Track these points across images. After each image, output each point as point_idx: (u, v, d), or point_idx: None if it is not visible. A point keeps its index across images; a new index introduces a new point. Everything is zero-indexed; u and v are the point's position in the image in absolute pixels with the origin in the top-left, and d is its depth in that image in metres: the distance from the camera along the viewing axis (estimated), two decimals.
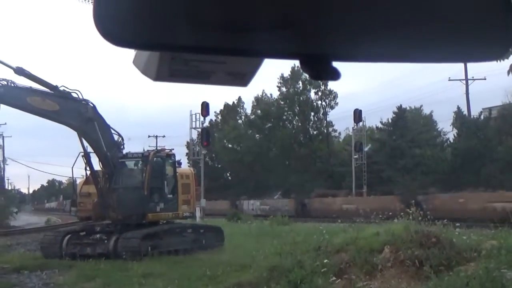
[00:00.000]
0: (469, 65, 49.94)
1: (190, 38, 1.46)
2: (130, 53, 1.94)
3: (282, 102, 73.00)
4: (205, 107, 41.37)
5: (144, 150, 24.89)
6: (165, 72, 1.89)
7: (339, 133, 74.92)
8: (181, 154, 60.65)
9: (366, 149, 51.76)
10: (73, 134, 21.16)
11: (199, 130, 45.82)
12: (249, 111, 78.56)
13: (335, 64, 1.54)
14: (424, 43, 1.47)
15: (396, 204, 31.42)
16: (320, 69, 1.55)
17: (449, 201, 34.18)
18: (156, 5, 1.35)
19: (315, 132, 71.71)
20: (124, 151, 22.73)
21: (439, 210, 26.84)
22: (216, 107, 78.64)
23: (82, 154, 21.41)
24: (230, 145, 77.12)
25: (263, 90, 75.90)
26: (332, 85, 67.00)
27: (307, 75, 1.66)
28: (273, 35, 1.43)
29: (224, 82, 2.00)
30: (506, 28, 1.43)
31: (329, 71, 1.54)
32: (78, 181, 25.44)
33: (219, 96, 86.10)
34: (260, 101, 75.67)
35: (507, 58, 5.79)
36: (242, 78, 1.97)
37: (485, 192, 35.09)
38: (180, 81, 1.97)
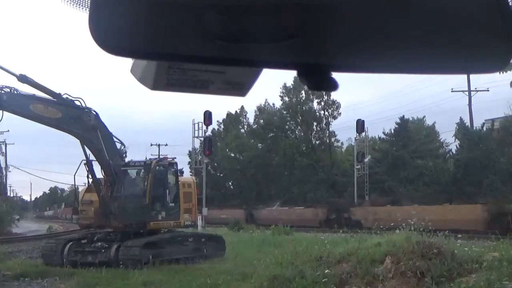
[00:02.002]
0: (472, 76, 49.79)
1: (188, 48, 1.46)
2: (130, 60, 1.93)
3: (284, 112, 72.92)
4: (207, 116, 41.30)
5: (146, 158, 24.73)
6: (162, 81, 1.88)
7: (342, 143, 75.01)
8: (183, 163, 60.52)
9: (366, 160, 51.58)
10: (76, 141, 21.17)
11: (202, 139, 45.75)
12: (251, 120, 78.70)
13: (334, 74, 1.54)
14: (424, 54, 1.46)
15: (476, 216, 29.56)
16: (318, 80, 1.54)
17: None
18: (152, 14, 1.34)
19: (317, 142, 71.56)
20: (126, 159, 22.74)
21: None
22: (218, 116, 78.67)
23: (85, 162, 21.38)
24: (232, 154, 76.98)
25: (266, 100, 76.10)
26: (335, 95, 66.95)
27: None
28: (272, 46, 1.42)
29: (222, 92, 1.98)
30: (507, 40, 1.42)
31: (326, 82, 1.54)
32: (80, 188, 25.40)
33: (222, 105, 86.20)
34: (262, 111, 75.66)
35: (509, 70, 5.78)
36: (240, 88, 1.96)
37: None
38: (178, 90, 1.96)
